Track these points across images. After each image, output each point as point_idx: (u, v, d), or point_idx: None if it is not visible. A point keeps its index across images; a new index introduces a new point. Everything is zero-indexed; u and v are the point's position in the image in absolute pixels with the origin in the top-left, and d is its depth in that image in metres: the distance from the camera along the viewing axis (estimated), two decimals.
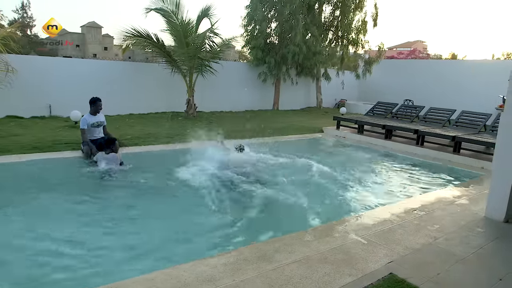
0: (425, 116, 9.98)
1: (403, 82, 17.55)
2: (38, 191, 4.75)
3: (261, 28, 14.78)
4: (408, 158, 7.86)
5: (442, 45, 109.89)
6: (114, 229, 3.92)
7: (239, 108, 14.66)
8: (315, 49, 14.89)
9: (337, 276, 2.88)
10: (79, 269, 3.07)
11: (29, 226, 3.83)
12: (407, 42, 70.01)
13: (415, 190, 5.72)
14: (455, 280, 2.96)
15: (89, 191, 5.02)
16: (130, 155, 6.65)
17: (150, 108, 12.14)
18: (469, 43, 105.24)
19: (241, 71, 15.27)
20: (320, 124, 11.49)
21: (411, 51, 42.20)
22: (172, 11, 11.04)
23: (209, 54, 11.90)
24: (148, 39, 10.82)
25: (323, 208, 4.77)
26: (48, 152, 6.37)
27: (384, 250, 3.38)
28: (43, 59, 11.91)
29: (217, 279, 2.74)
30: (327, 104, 18.11)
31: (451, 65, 18.45)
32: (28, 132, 8.01)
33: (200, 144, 7.33)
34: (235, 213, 4.43)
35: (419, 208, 4.62)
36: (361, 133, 9.85)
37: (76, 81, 10.65)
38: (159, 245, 3.57)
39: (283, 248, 3.30)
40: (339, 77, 17.71)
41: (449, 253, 3.42)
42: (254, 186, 5.51)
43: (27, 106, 9.90)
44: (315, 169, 6.58)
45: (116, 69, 11.93)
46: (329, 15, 16.51)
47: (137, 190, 5.17)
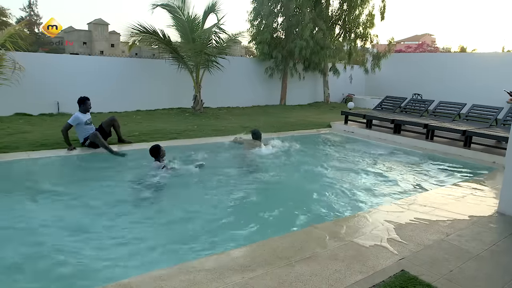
0: (434, 110, 9.83)
1: (412, 76, 17.32)
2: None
3: (267, 22, 14.67)
4: (417, 153, 7.76)
5: (451, 38, 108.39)
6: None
7: (246, 103, 14.61)
8: (322, 43, 14.73)
9: (347, 273, 2.84)
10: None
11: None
12: (414, 35, 69.26)
13: (426, 185, 5.64)
14: (468, 278, 2.90)
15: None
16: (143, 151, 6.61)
17: (157, 104, 12.15)
18: (478, 36, 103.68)
19: (248, 66, 15.19)
20: (327, 119, 11.40)
21: (419, 44, 41.64)
22: (178, 6, 11.01)
23: (215, 50, 11.85)
24: (154, 35, 10.78)
25: (332, 204, 4.73)
26: (56, 149, 6.41)
27: (395, 246, 3.33)
28: (50, 56, 11.95)
29: (226, 276, 2.71)
30: (335, 99, 17.98)
31: (461, 58, 18.17)
32: (36, 129, 8.06)
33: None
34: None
35: (429, 203, 4.55)
36: (369, 128, 9.74)
37: (84, 78, 10.69)
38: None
39: (291, 245, 3.27)
40: (346, 72, 17.55)
41: (462, 249, 3.35)
42: (259, 178, 5.50)
43: (35, 103, 9.96)
44: (323, 165, 6.54)
45: (123, 65, 11.93)
46: (337, 9, 16.32)
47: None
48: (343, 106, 15.77)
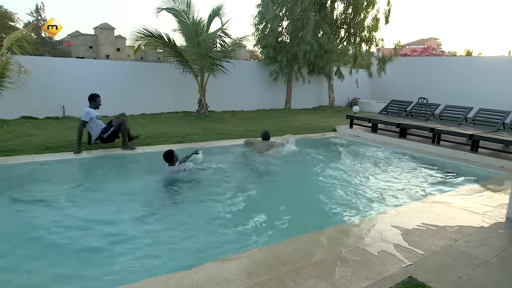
0: (440, 114, 9.75)
1: (417, 80, 17.24)
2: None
3: (272, 26, 14.68)
4: (424, 157, 7.68)
5: (456, 42, 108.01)
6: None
7: (251, 107, 14.60)
8: (326, 47, 14.71)
9: (354, 280, 2.79)
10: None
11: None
12: (420, 39, 69.06)
13: (432, 190, 5.56)
14: (478, 285, 2.83)
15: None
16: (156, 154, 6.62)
17: (162, 108, 12.17)
18: (484, 40, 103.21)
19: (252, 70, 15.19)
20: (333, 123, 11.35)
21: (424, 48, 41.46)
22: (183, 10, 11.04)
23: (220, 54, 11.86)
24: (159, 39, 10.82)
25: (338, 209, 4.67)
26: (59, 152, 6.42)
27: (402, 252, 3.27)
28: (56, 60, 12.06)
29: (230, 281, 2.67)
30: (340, 103, 17.92)
31: (466, 62, 18.05)
32: (41, 132, 8.09)
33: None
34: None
35: (436, 208, 4.49)
36: (375, 132, 9.68)
37: (89, 82, 10.73)
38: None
39: (296, 250, 3.22)
40: (351, 76, 17.49)
41: (470, 256, 3.29)
42: (266, 180, 5.47)
43: (41, 106, 10.01)
44: (329, 169, 6.49)
45: (128, 69, 11.98)
46: (341, 13, 16.30)
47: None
48: (348, 110, 15.71)
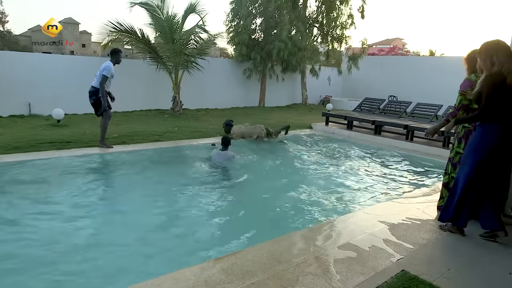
0: (412, 111, 10.06)
1: (387, 79, 17.72)
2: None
3: (245, 23, 14.62)
4: (399, 153, 7.88)
5: (420, 42, 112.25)
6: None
7: (224, 105, 14.48)
8: (300, 44, 14.82)
9: (349, 275, 2.79)
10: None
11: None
12: (386, 39, 71.00)
13: (411, 184, 5.72)
14: (466, 276, 2.92)
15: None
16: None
17: (134, 105, 11.82)
18: (446, 40, 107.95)
19: (226, 67, 15.07)
20: (307, 121, 11.44)
21: (391, 48, 42.72)
22: (158, 5, 10.76)
23: (195, 50, 11.66)
24: (132, 35, 10.46)
25: (323, 206, 4.70)
26: (30, 152, 6.07)
27: (391, 246, 3.32)
28: (20, 55, 11.39)
29: (227, 282, 2.60)
30: (312, 100, 18.13)
31: (433, 61, 18.75)
32: (7, 131, 7.63)
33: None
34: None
35: (418, 202, 4.60)
36: (350, 129, 9.85)
37: (56, 78, 10.25)
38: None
39: (288, 248, 3.20)
40: (322, 74, 17.71)
41: (456, 247, 3.38)
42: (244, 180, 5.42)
43: (4, 104, 9.45)
44: (311, 165, 6.52)
45: (97, 65, 11.38)
46: (315, 11, 16.46)
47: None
48: (321, 107, 15.92)
